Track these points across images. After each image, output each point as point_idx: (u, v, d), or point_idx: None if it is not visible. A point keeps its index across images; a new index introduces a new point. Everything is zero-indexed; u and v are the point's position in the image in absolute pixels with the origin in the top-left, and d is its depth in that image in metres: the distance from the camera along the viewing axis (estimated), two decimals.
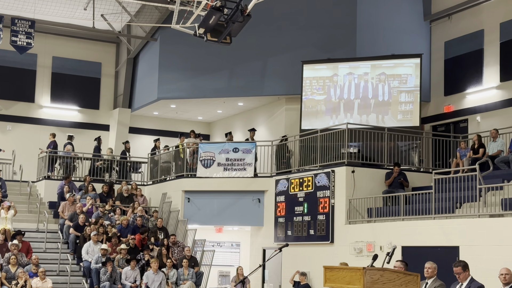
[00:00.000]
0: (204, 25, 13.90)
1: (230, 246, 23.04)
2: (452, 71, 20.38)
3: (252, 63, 22.11)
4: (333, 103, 20.21)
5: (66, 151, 22.73)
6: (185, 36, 17.08)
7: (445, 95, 20.54)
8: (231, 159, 20.11)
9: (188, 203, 20.41)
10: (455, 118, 20.10)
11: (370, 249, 15.43)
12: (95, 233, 17.89)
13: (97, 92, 26.40)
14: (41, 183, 22.14)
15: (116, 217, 19.71)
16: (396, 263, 9.72)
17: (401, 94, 19.54)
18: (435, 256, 12.25)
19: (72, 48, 25.89)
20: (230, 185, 19.97)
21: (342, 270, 8.10)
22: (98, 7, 23.07)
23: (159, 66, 23.48)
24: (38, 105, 25.34)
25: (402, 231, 14.78)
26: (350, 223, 16.56)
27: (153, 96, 23.82)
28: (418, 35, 21.26)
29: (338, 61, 20.30)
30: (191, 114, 25.96)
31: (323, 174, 17.36)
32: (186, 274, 17.74)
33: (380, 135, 17.88)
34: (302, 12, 21.43)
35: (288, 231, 18.30)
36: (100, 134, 25.50)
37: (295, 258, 17.89)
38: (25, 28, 21.62)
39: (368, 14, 20.86)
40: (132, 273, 17.25)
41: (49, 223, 19.57)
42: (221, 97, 22.95)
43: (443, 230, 13.83)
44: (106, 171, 23.12)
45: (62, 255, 18.15)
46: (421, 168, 18.63)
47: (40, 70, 25.44)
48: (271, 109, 23.01)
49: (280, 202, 18.81)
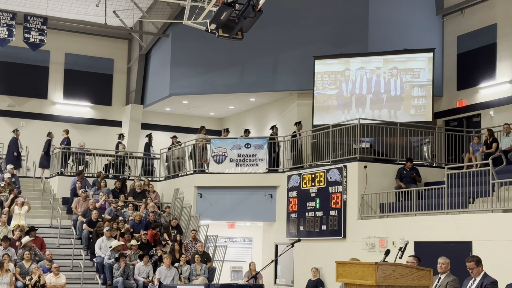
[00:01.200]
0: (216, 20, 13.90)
1: (243, 241, 23.08)
2: (465, 65, 20.27)
3: (264, 59, 22.09)
4: (345, 98, 20.16)
5: (79, 147, 22.85)
6: (196, 32, 17.11)
7: (457, 89, 20.44)
8: (243, 154, 20.12)
9: (200, 198, 20.45)
10: (468, 113, 20.00)
11: (383, 245, 15.40)
12: (108, 229, 17.97)
13: (109, 88, 26.49)
14: (54, 179, 22.25)
15: (129, 213, 19.78)
16: (408, 258, 9.71)
17: (413, 89, 19.46)
18: (448, 251, 12.21)
19: (85, 45, 25.99)
20: (242, 180, 19.99)
21: (354, 265, 8.10)
22: (110, 4, 23.13)
23: (171, 62, 23.52)
24: (51, 102, 25.46)
25: (415, 226, 14.74)
26: (362, 219, 16.54)
27: (165, 92, 23.87)
28: (430, 29, 21.15)
29: (350, 56, 20.24)
30: (203, 110, 25.99)
31: (335, 170, 17.34)
32: (199, 269, 17.78)
33: (393, 130, 17.81)
34: (314, 7, 21.38)
35: (300, 226, 18.29)
36: (113, 130, 25.66)
37: (307, 254, 17.89)
38: (37, 25, 21.74)
39: (380, 9, 20.77)
40: (145, 269, 17.32)
41: (63, 219, 19.66)
42: (233, 92, 22.96)
43: (456, 225, 13.78)
44: (119, 167, 23.21)
45: (76, 250, 18.23)
46: (434, 163, 18.56)
47: (53, 67, 25.56)
48: (283, 105, 22.99)
49: (292, 198, 18.81)
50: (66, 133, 23.21)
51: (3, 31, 21.23)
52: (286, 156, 20.15)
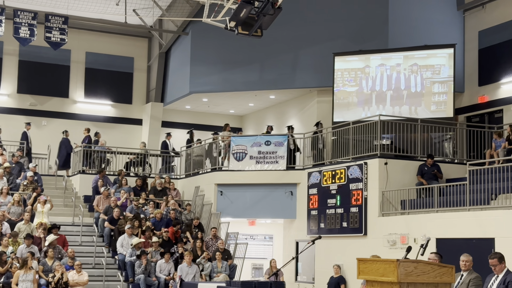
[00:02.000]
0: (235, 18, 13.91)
1: (263, 238, 23.10)
2: (486, 61, 20.10)
3: (283, 56, 22.07)
4: (365, 94, 20.08)
5: (101, 146, 23.01)
6: (216, 29, 17.12)
7: (479, 85, 20.27)
8: (263, 152, 20.13)
9: (221, 196, 20.50)
10: (489, 109, 19.82)
11: (404, 242, 15.33)
12: (129, 227, 18.08)
13: (129, 86, 26.64)
14: (76, 177, 22.42)
15: (150, 210, 19.89)
16: (430, 255, 9.66)
17: (434, 85, 19.34)
18: (470, 248, 12.12)
19: (105, 43, 26.16)
20: (262, 178, 20.00)
21: (375, 262, 8.07)
22: (130, 2, 23.25)
23: (191, 60, 23.59)
24: (72, 100, 25.66)
25: (436, 223, 14.65)
26: (383, 215, 16.47)
27: (185, 90, 23.95)
28: (451, 25, 20.99)
29: (370, 52, 20.16)
30: (223, 107, 26.04)
31: (356, 166, 17.29)
32: (220, 266, 17.83)
33: (413, 126, 17.72)
34: (333, 4, 21.33)
35: (321, 223, 18.27)
36: (134, 128, 25.83)
37: (328, 251, 17.87)
38: (58, 24, 21.92)
39: (400, 5, 20.66)
40: (166, 266, 17.40)
41: (84, 217, 19.83)
42: (253, 90, 22.97)
43: (478, 222, 13.68)
44: (140, 165, 23.36)
45: (98, 248, 18.37)
46: (455, 160, 18.44)
47: (74, 66, 25.75)
48: (303, 102, 22.96)
49: (312, 195, 18.78)
50: (88, 132, 23.37)
51: (25, 30, 21.42)
52: (306, 153, 20.12)
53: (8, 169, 19.85)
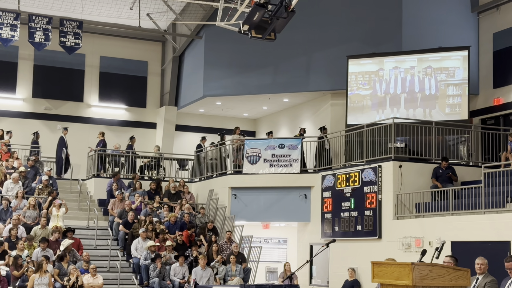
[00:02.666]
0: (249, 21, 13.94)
1: (277, 242, 23.07)
2: (501, 63, 19.98)
3: (297, 59, 22.07)
4: (379, 97, 20.03)
5: (115, 149, 23.09)
6: (229, 33, 17.16)
7: (494, 87, 20.15)
8: (277, 155, 20.12)
9: (234, 199, 20.51)
10: (505, 111, 19.70)
11: (419, 245, 15.27)
12: (144, 230, 18.13)
13: (143, 90, 26.73)
14: (91, 181, 22.52)
15: (164, 213, 19.93)
16: (445, 259, 9.60)
17: (448, 87, 19.25)
18: (486, 251, 12.05)
19: (119, 48, 26.27)
20: (276, 181, 20.00)
21: (390, 265, 8.03)
22: (144, 6, 23.35)
23: (204, 64, 23.64)
24: (87, 104, 25.78)
25: (451, 226, 14.58)
26: (398, 218, 16.41)
27: (198, 93, 24.00)
28: (465, 27, 20.89)
29: (383, 55, 20.10)
30: (237, 111, 26.06)
31: (370, 169, 17.24)
32: (234, 270, 17.84)
33: (428, 129, 17.65)
34: (347, 6, 21.30)
35: (335, 226, 18.22)
36: (148, 132, 25.93)
37: (342, 254, 17.82)
38: (73, 28, 22.04)
39: (414, 7, 20.58)
40: (180, 269, 17.43)
41: (99, 220, 19.90)
42: (266, 93, 22.98)
43: (493, 225, 13.60)
44: (154, 168, 23.43)
45: (112, 251, 18.44)
46: (470, 162, 18.34)
47: (88, 70, 25.87)
48: (316, 105, 22.94)
49: (326, 198, 18.75)
50: (102, 136, 23.47)
51: (40, 35, 21.56)
52: (320, 156, 20.07)
53: (23, 173, 19.97)
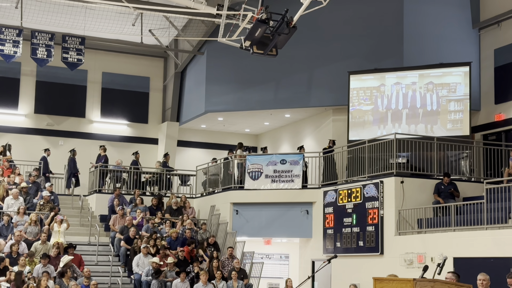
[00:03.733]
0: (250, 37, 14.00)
1: (279, 258, 22.99)
2: (503, 78, 20.00)
3: (298, 75, 22.12)
4: (380, 113, 20.05)
5: (117, 165, 23.09)
6: (231, 49, 17.22)
7: (495, 103, 20.16)
8: (278, 170, 20.11)
9: (236, 215, 20.48)
10: (506, 127, 19.68)
11: (421, 261, 15.21)
12: (145, 246, 18.08)
13: (145, 106, 26.78)
14: (93, 197, 22.51)
15: (166, 229, 19.88)
16: (447, 275, 9.57)
17: (450, 103, 19.27)
18: (488, 267, 11.99)
19: (121, 64, 26.35)
20: (278, 197, 19.97)
21: (392, 281, 8.01)
22: (146, 23, 23.45)
23: (206, 79, 23.70)
24: (89, 120, 25.82)
25: (454, 242, 14.54)
26: (400, 234, 16.37)
27: (200, 109, 24.04)
28: (466, 43, 20.94)
29: (385, 71, 20.16)
30: (239, 126, 26.09)
31: (372, 185, 17.22)
32: (236, 286, 17.77)
33: (429, 144, 17.64)
34: (348, 23, 21.37)
35: (337, 242, 18.17)
36: (150, 148, 25.95)
37: (344, 270, 17.76)
38: (75, 45, 22.13)
39: (415, 23, 20.64)
40: (182, 285, 17.36)
41: (101, 236, 19.86)
42: (268, 109, 23.00)
43: (496, 241, 13.56)
44: (156, 184, 23.41)
45: (114, 267, 18.37)
46: (472, 178, 18.30)
47: (91, 86, 25.94)
48: (318, 120, 22.96)
49: (328, 214, 18.71)
50: (104, 151, 23.48)
51: (42, 51, 21.65)
52: (322, 172, 20.06)
53: (25, 189, 19.96)
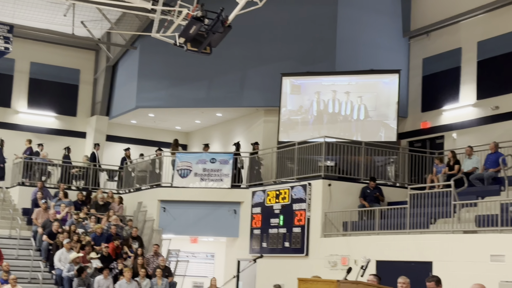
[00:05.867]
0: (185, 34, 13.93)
1: (205, 257, 22.93)
2: (430, 87, 20.55)
3: (232, 74, 22.12)
4: (311, 116, 20.25)
5: (42, 157, 22.54)
6: (165, 45, 17.06)
7: (422, 111, 20.70)
8: (208, 169, 20.06)
9: (163, 212, 20.30)
10: (431, 134, 20.24)
11: (345, 263, 15.44)
12: (68, 241, 17.71)
13: (74, 99, 26.24)
14: (15, 189, 21.89)
15: (91, 225, 19.53)
16: (369, 277, 9.73)
17: (378, 109, 19.64)
18: (409, 270, 12.28)
19: (51, 54, 25.73)
20: (206, 195, 19.91)
21: (316, 282, 8.10)
22: (78, 14, 22.95)
23: (138, 75, 23.40)
24: (14, 111, 25.10)
25: (377, 245, 14.81)
26: (325, 236, 16.57)
27: (131, 104, 23.72)
28: (397, 51, 21.43)
29: (317, 74, 20.39)
30: (169, 123, 25.88)
31: (300, 187, 17.37)
32: (160, 284, 17.60)
33: (357, 149, 17.94)
34: (283, 25, 21.51)
35: (263, 243, 18.26)
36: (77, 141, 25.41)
37: (269, 270, 17.85)
38: (3, 32, 21.40)
39: (348, 29, 20.98)
40: (104, 282, 17.05)
41: (22, 230, 19.35)
42: (200, 107, 22.91)
43: (417, 245, 13.89)
44: (82, 178, 22.97)
45: (35, 262, 17.94)
46: (397, 183, 18.71)
47: (18, 76, 25.23)
48: (249, 121, 23.01)
49: (256, 214, 18.78)
50: (29, 143, 22.90)
51: None
52: (250, 172, 20.12)
53: None
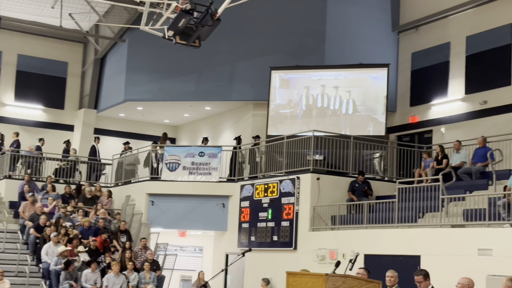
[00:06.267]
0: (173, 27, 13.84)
1: (193, 250, 22.92)
2: (418, 82, 20.59)
3: (221, 68, 22.06)
4: (300, 110, 20.26)
5: (29, 150, 22.41)
6: (153, 38, 16.98)
7: (410, 105, 20.74)
8: (196, 163, 20.01)
9: (152, 206, 20.25)
10: (420, 129, 20.30)
11: (333, 257, 15.46)
12: (55, 234, 17.63)
13: (62, 91, 26.10)
14: (2, 182, 21.76)
15: (78, 218, 19.45)
16: (359, 270, 9.74)
17: (367, 103, 19.66)
18: (397, 264, 12.33)
19: (38, 47, 25.56)
20: (194, 189, 19.87)
21: (304, 276, 8.09)
22: (66, 6, 22.80)
23: (127, 68, 23.29)
24: (1, 103, 24.95)
25: (365, 239, 14.84)
26: (313, 230, 16.58)
27: (119, 97, 23.62)
28: (386, 45, 21.44)
29: (306, 68, 20.39)
30: (158, 117, 25.79)
31: (288, 181, 17.37)
32: (148, 277, 17.56)
33: (346, 143, 17.95)
34: (272, 19, 21.47)
35: (252, 236, 18.25)
36: (65, 134, 25.27)
37: (257, 264, 17.85)
38: None
39: (337, 23, 20.97)
40: (92, 276, 17.01)
41: (9, 223, 19.25)
42: (189, 100, 22.85)
43: (405, 239, 13.93)
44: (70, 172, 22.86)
45: (22, 255, 17.85)
46: (385, 177, 18.75)
47: (5, 68, 25.06)
48: (238, 114, 22.98)
49: (244, 208, 18.76)
50: (16, 136, 22.77)
51: None
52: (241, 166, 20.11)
53: None
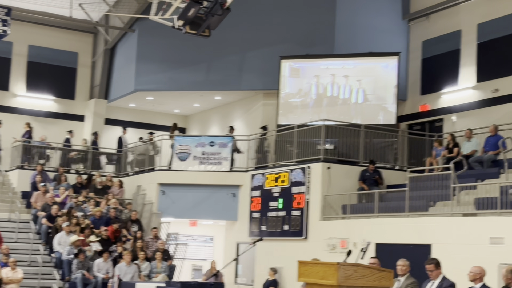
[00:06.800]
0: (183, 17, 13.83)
1: (204, 240, 23.00)
2: (429, 70, 20.49)
3: (231, 57, 22.03)
4: (310, 99, 20.22)
5: (41, 141, 22.52)
6: (163, 28, 16.97)
7: (421, 94, 20.65)
8: (207, 152, 20.04)
9: (162, 195, 20.31)
10: (430, 117, 20.21)
11: (344, 246, 15.48)
12: (67, 224, 17.73)
13: (73, 82, 26.16)
14: (14, 173, 21.88)
15: (90, 208, 19.55)
16: (371, 260, 9.76)
17: (378, 92, 19.61)
18: (408, 253, 12.29)
19: (49, 37, 25.60)
20: (205, 178, 19.91)
21: (316, 265, 8.10)
22: None
23: (137, 58, 23.31)
24: (13, 94, 25.03)
25: (376, 228, 14.84)
26: (324, 219, 16.59)
27: (129, 87, 23.65)
28: (396, 33, 21.34)
29: (316, 57, 20.33)
30: (168, 106, 25.83)
31: (299, 170, 17.37)
32: (159, 267, 17.66)
33: (357, 132, 17.91)
34: (282, 8, 21.40)
35: (262, 226, 18.28)
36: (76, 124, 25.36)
37: (268, 253, 17.89)
38: (1, 15, 21.29)
39: (347, 12, 20.88)
40: (104, 265, 17.11)
41: (22, 213, 19.36)
42: (199, 90, 22.86)
43: (416, 228, 13.92)
44: (81, 162, 22.97)
45: (34, 245, 17.96)
46: (396, 166, 18.71)
47: (16, 59, 25.12)
48: (248, 104, 22.96)
49: (255, 197, 18.79)
50: (28, 126, 22.86)
51: None
52: (250, 155, 20.11)
53: None
